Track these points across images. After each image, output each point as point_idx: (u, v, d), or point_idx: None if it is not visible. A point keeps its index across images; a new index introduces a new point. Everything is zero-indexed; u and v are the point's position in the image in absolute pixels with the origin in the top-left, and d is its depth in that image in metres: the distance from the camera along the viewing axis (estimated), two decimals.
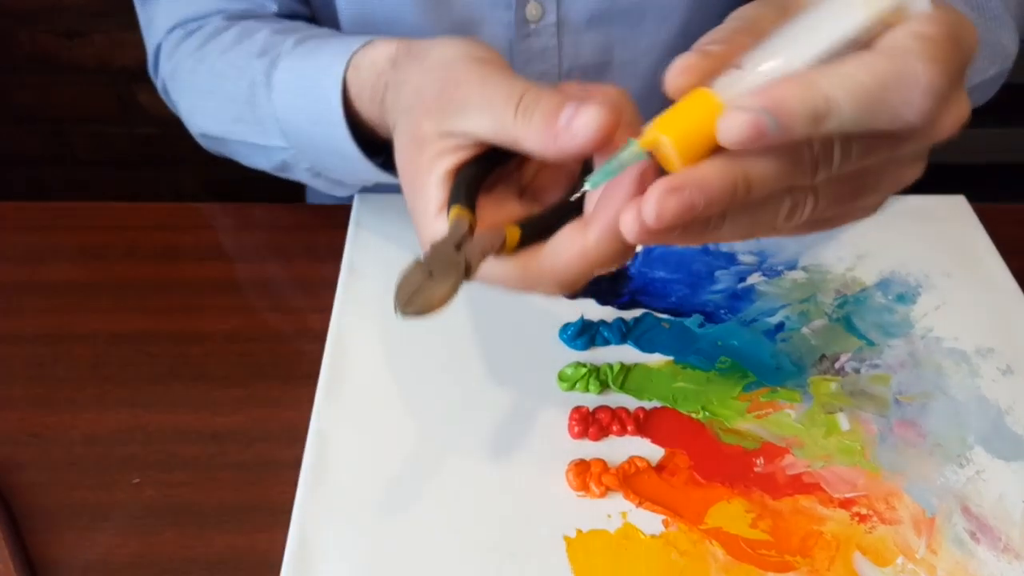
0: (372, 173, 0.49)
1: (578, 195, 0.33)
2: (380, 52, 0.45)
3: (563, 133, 0.32)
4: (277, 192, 0.66)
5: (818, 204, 0.33)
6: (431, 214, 0.37)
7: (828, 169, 0.31)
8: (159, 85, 0.64)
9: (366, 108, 0.46)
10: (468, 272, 0.33)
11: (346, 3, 0.60)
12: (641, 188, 0.31)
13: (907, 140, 0.31)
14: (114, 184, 1.44)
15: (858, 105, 0.29)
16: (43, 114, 1.36)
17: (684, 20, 0.62)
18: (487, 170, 0.37)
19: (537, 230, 0.35)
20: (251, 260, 0.59)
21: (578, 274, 0.34)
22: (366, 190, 0.60)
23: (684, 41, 0.64)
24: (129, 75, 1.30)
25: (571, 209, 0.34)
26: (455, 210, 0.35)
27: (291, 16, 0.61)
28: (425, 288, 0.32)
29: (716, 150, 0.30)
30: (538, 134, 0.33)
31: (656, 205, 0.29)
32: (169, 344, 0.53)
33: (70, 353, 0.52)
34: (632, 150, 0.31)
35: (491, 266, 0.35)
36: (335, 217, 0.59)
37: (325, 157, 0.51)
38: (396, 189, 0.45)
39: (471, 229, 0.34)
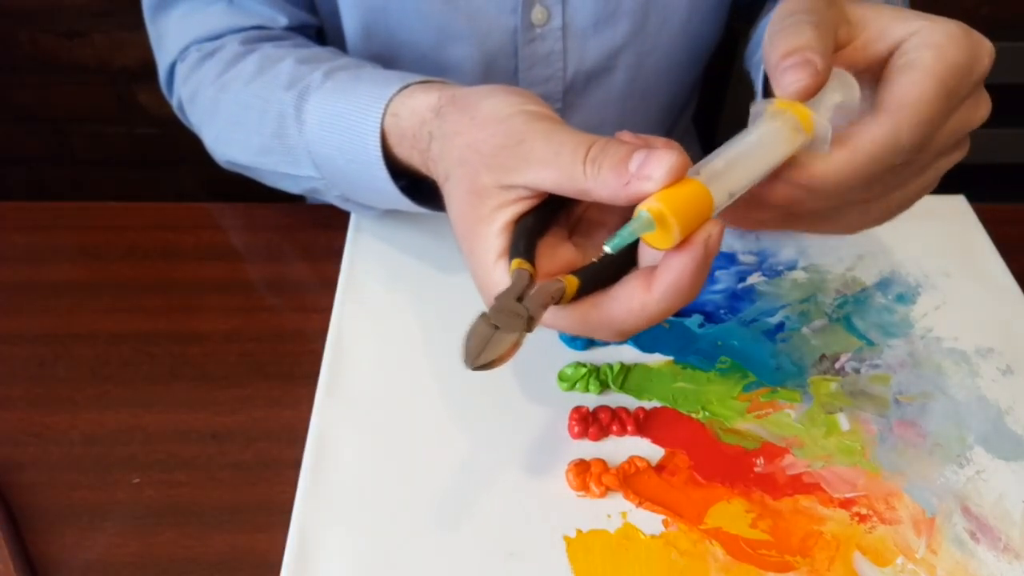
0: (407, 206, 0.50)
1: (600, 257, 0.35)
2: (420, 101, 0.45)
3: (635, 180, 0.34)
4: (277, 192, 0.66)
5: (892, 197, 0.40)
6: (489, 263, 0.38)
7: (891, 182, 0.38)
8: (174, 103, 0.65)
9: (405, 154, 0.46)
10: (531, 324, 0.34)
11: (352, 12, 0.60)
12: (701, 251, 0.33)
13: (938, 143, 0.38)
14: (114, 184, 1.44)
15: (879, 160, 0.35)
16: (43, 114, 1.36)
17: (684, 19, 0.63)
18: (545, 218, 0.38)
19: (593, 278, 0.36)
20: (251, 260, 0.59)
21: (636, 325, 0.36)
22: None
23: (684, 40, 0.64)
24: (129, 75, 1.30)
25: (624, 260, 0.36)
26: (516, 263, 0.36)
27: (300, 28, 0.62)
28: (493, 341, 0.34)
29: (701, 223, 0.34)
30: (608, 184, 0.35)
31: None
32: (169, 344, 0.53)
33: (70, 353, 0.52)
34: (643, 220, 0.33)
35: (552, 315, 0.37)
36: (335, 217, 0.59)
37: (359, 190, 0.51)
38: None
39: (532, 280, 0.36)
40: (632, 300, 0.35)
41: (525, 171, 0.37)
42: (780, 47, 0.35)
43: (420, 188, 0.49)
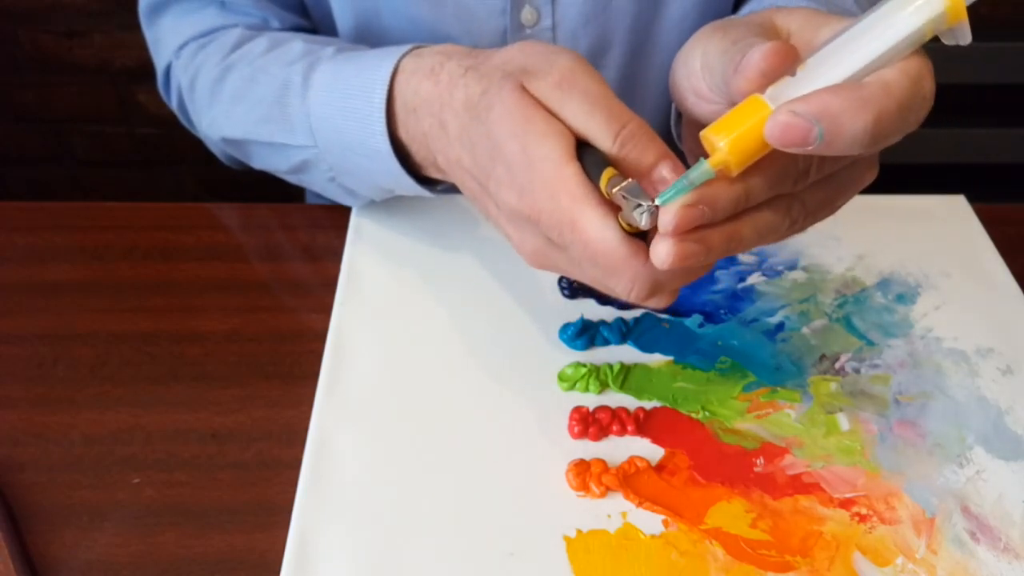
0: (391, 176, 0.49)
1: (651, 204, 0.35)
2: (444, 46, 0.46)
3: (659, 184, 0.36)
4: (277, 192, 0.66)
5: (806, 206, 0.37)
6: (557, 160, 0.37)
7: (806, 179, 0.35)
8: (173, 102, 0.65)
9: (425, 88, 0.45)
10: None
11: (344, 15, 0.60)
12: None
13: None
14: (114, 184, 1.44)
15: (877, 136, 0.32)
16: (43, 114, 1.36)
17: (678, 18, 0.62)
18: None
19: None
20: (251, 260, 0.59)
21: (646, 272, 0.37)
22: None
23: (679, 39, 0.64)
24: (129, 75, 1.30)
25: None
26: (609, 171, 0.36)
27: (293, 32, 0.62)
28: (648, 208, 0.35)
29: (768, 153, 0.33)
30: (636, 171, 0.37)
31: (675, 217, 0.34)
32: (169, 344, 0.53)
33: (70, 353, 0.52)
34: (703, 169, 0.33)
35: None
36: (335, 217, 0.59)
37: (350, 156, 0.51)
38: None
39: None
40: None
41: (566, 108, 0.38)
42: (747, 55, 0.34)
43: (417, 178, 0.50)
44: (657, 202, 0.34)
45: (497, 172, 0.40)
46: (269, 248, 0.60)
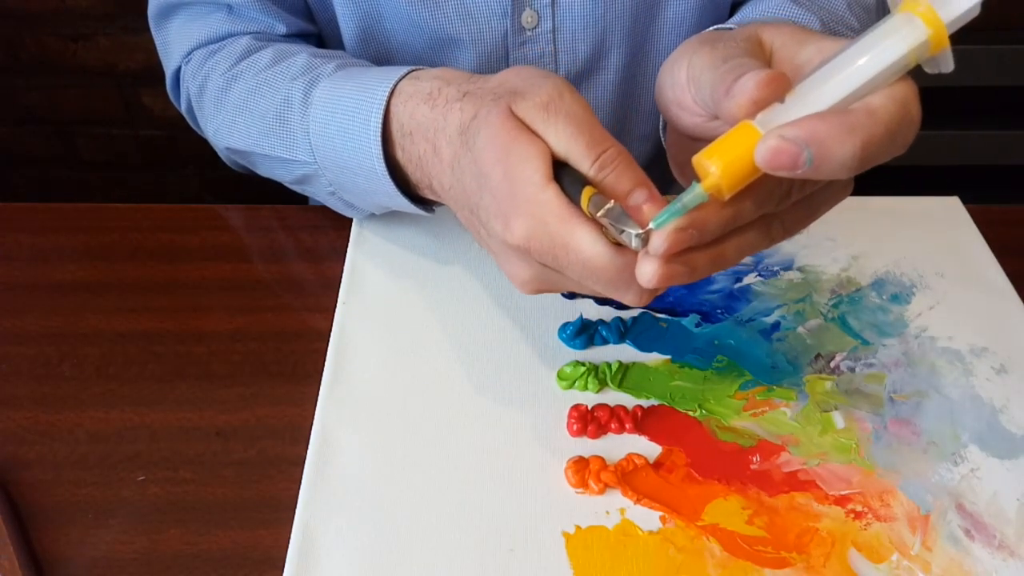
0: (387, 196, 0.50)
1: (643, 232, 0.36)
2: (444, 71, 0.47)
3: (634, 212, 0.37)
4: (281, 193, 0.67)
5: (784, 224, 0.38)
6: (538, 182, 0.38)
7: (788, 200, 0.36)
8: (182, 105, 0.65)
9: (422, 112, 0.45)
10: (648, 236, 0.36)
11: (348, 20, 0.61)
12: None
13: None
14: (119, 186, 1.45)
15: (864, 161, 0.33)
16: (48, 116, 1.37)
17: (676, 22, 0.63)
18: None
19: None
20: (255, 260, 0.60)
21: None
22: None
23: (678, 43, 0.65)
24: (133, 78, 1.31)
25: None
26: (588, 189, 0.37)
27: (299, 36, 0.62)
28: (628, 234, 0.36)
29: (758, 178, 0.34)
30: (612, 195, 0.37)
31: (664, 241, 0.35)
32: (174, 343, 0.53)
33: (76, 352, 0.53)
34: (696, 192, 0.34)
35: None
36: (338, 219, 0.60)
37: (348, 175, 0.51)
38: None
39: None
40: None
41: (549, 131, 0.39)
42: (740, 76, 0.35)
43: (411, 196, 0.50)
44: (651, 225, 0.35)
45: (484, 201, 0.41)
46: (273, 249, 0.61)
